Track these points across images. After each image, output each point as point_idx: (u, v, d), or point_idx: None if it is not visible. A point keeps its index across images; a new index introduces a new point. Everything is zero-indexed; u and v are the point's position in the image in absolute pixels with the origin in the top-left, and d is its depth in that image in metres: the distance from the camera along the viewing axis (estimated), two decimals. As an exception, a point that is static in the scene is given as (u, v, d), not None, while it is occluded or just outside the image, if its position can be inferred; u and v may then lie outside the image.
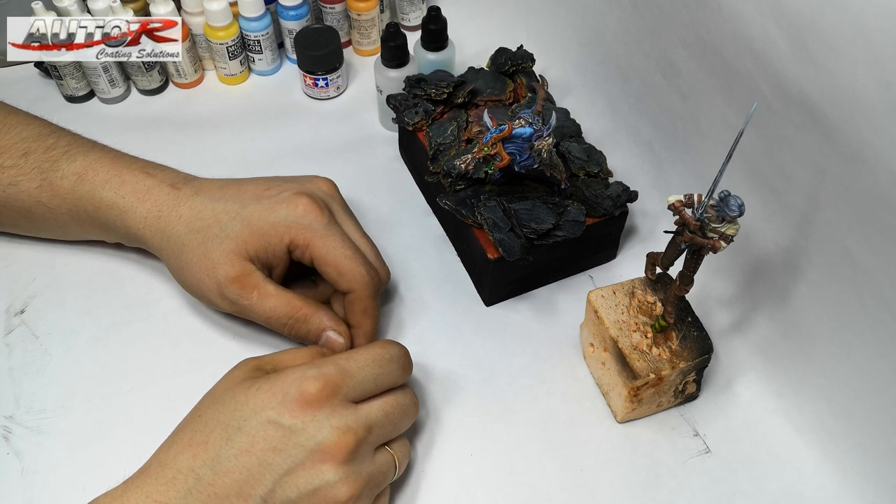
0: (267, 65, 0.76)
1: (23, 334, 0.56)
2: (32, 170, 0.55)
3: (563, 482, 0.50)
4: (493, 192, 0.57)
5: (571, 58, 0.72)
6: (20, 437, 0.51)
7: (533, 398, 0.54)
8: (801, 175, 0.48)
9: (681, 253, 0.46)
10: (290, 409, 0.42)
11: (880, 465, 0.47)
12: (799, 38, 0.45)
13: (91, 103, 0.73)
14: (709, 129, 0.56)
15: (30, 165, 0.55)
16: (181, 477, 0.41)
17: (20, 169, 0.55)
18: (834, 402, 0.50)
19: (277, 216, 0.51)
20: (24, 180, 0.55)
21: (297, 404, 0.42)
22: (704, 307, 0.57)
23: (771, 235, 0.52)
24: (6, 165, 0.55)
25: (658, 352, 0.49)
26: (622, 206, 0.57)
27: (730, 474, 0.50)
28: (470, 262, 0.60)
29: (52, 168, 0.55)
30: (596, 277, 0.61)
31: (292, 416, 0.42)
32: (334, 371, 0.44)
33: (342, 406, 0.43)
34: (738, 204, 0.41)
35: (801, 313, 0.51)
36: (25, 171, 0.55)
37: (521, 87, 0.65)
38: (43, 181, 0.55)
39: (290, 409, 0.42)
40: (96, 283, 0.59)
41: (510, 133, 0.50)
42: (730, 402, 0.54)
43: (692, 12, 0.54)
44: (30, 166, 0.55)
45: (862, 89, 0.41)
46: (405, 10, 0.79)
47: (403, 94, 0.64)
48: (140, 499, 0.41)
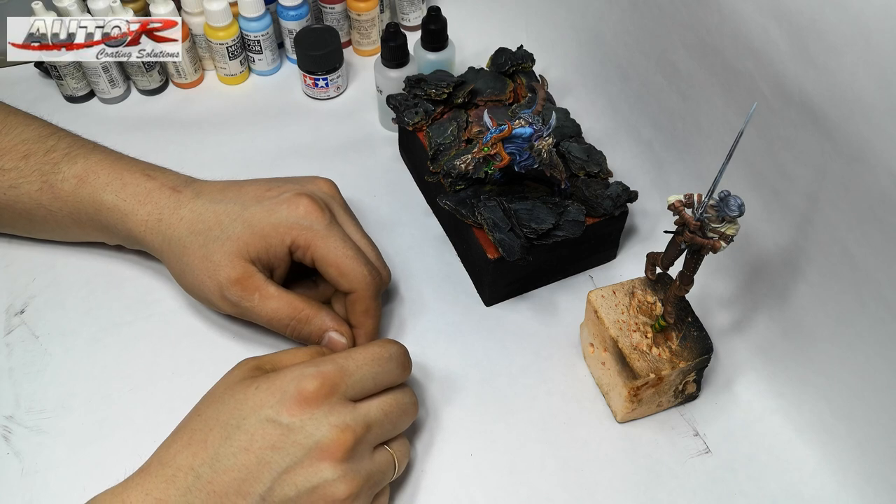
0: (267, 65, 0.76)
1: (23, 334, 0.56)
2: (33, 172, 0.55)
3: (563, 482, 0.50)
4: (493, 192, 0.57)
5: (571, 58, 0.72)
6: (20, 437, 0.51)
7: (533, 398, 0.54)
8: (801, 175, 0.48)
9: (681, 253, 0.46)
10: (288, 407, 0.42)
11: (880, 465, 0.47)
12: (799, 38, 0.45)
13: (91, 103, 0.73)
14: (709, 129, 0.56)
15: (30, 168, 0.55)
16: (181, 475, 0.41)
17: (21, 171, 0.55)
18: (834, 402, 0.50)
19: (278, 217, 0.51)
20: (24, 183, 0.55)
21: (295, 402, 0.42)
22: (704, 307, 0.57)
23: (771, 235, 0.52)
24: (6, 168, 0.55)
25: (658, 352, 0.49)
26: (622, 206, 0.57)
27: (730, 474, 0.50)
28: (470, 262, 0.60)
29: (52, 171, 0.55)
30: (596, 277, 0.61)
31: (291, 414, 0.42)
32: (333, 369, 0.44)
33: (341, 404, 0.43)
34: (738, 204, 0.41)
35: (801, 313, 0.51)
36: (26, 173, 0.55)
37: (521, 87, 0.65)
38: (44, 184, 0.54)
39: (289, 408, 0.42)
40: (96, 283, 0.59)
41: (510, 133, 0.50)
42: (730, 402, 0.54)
43: (692, 12, 0.54)
44: (30, 169, 0.55)
45: (862, 89, 0.41)
46: (405, 10, 0.79)
47: (403, 94, 0.64)
48: (140, 496, 0.41)
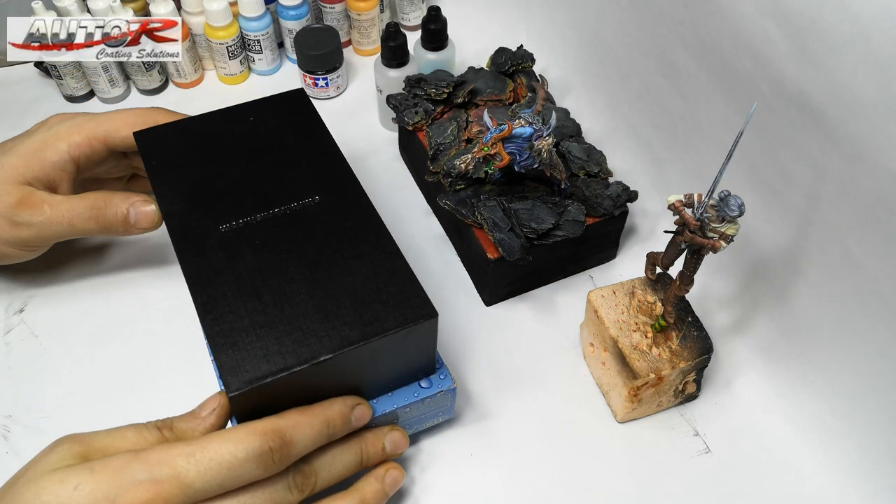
0: (267, 65, 0.76)
1: (22, 333, 0.56)
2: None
3: (563, 482, 0.50)
4: (493, 192, 0.57)
5: (571, 58, 0.72)
6: (19, 436, 0.51)
7: (533, 398, 0.54)
8: (801, 175, 0.48)
9: (681, 253, 0.46)
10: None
11: (880, 465, 0.47)
12: (799, 38, 0.45)
13: (91, 103, 0.73)
14: (709, 129, 0.56)
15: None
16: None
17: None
18: (834, 402, 0.50)
19: (41, 133, 0.52)
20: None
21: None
22: (704, 307, 0.57)
23: (771, 235, 0.52)
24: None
25: (658, 352, 0.49)
26: (622, 205, 0.57)
27: (730, 474, 0.50)
28: (470, 262, 0.60)
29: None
30: (596, 277, 0.61)
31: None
32: (169, 480, 0.36)
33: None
34: (738, 204, 0.41)
35: (801, 313, 0.51)
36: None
37: (521, 87, 0.65)
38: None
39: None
40: (96, 282, 0.59)
41: (510, 133, 0.50)
42: (730, 402, 0.54)
43: (692, 12, 0.54)
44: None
45: (862, 89, 0.41)
46: (405, 10, 0.79)
47: (403, 94, 0.64)
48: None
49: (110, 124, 0.52)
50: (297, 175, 0.49)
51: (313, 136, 0.52)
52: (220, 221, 0.46)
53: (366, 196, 0.48)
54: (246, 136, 0.52)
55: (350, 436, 0.44)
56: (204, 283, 0.43)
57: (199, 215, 0.47)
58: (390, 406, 0.46)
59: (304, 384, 0.41)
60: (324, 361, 0.41)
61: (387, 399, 0.46)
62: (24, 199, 0.50)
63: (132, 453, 0.37)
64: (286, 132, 0.52)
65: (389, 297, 0.43)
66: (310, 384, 0.42)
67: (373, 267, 0.44)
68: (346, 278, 0.44)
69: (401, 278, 0.44)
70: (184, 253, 0.45)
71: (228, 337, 0.41)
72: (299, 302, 0.43)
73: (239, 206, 0.47)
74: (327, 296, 0.43)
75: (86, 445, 0.39)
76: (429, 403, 0.47)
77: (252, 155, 0.51)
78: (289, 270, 0.44)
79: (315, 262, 0.45)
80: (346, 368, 0.42)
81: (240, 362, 0.40)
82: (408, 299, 0.43)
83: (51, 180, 0.51)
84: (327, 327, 0.42)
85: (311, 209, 0.47)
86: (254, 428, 0.38)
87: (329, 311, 0.42)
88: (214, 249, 0.45)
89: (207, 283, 0.43)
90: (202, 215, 0.47)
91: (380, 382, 0.46)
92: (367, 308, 0.43)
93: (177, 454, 0.37)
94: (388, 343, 0.42)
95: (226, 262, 0.44)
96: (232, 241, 0.45)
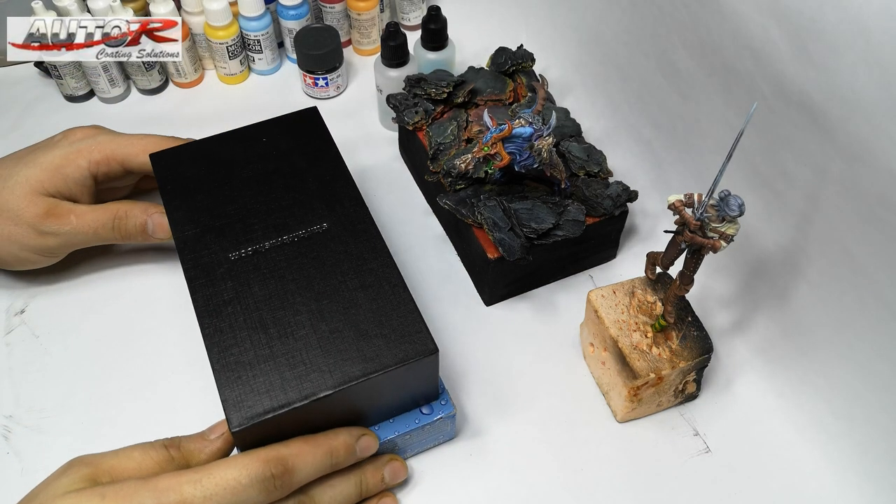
0: (267, 64, 0.76)
1: (23, 334, 0.56)
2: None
3: (563, 482, 0.50)
4: (493, 191, 0.57)
5: (571, 58, 0.72)
6: (20, 436, 0.51)
7: (533, 398, 0.54)
8: (801, 175, 0.48)
9: (681, 253, 0.46)
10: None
11: (880, 465, 0.47)
12: (799, 38, 0.45)
13: (91, 103, 0.73)
14: (709, 129, 0.56)
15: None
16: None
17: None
18: (834, 402, 0.50)
19: (63, 149, 0.53)
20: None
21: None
22: (704, 307, 0.57)
23: (771, 235, 0.52)
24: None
25: (658, 351, 0.49)
26: (622, 205, 0.57)
27: (730, 474, 0.50)
28: (470, 261, 0.60)
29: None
30: (596, 277, 0.61)
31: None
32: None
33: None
34: (739, 204, 0.41)
35: (801, 313, 0.51)
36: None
37: (521, 87, 0.65)
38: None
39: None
40: (96, 283, 0.59)
41: (510, 133, 0.50)
42: (730, 402, 0.54)
43: (692, 12, 0.54)
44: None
45: (862, 89, 0.41)
46: (405, 10, 0.79)
47: (403, 94, 0.64)
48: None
49: (130, 148, 0.55)
50: (307, 200, 0.50)
51: (324, 159, 0.53)
52: (231, 249, 0.47)
53: (373, 224, 0.49)
54: (258, 159, 0.53)
55: (350, 466, 0.45)
56: (213, 314, 0.44)
57: (209, 242, 0.48)
58: (391, 433, 0.47)
59: (306, 417, 0.42)
60: (324, 397, 0.41)
61: (387, 426, 0.47)
62: (51, 210, 0.52)
63: (141, 480, 0.38)
64: (297, 155, 0.53)
65: (391, 331, 0.44)
66: (312, 416, 0.43)
67: (376, 300, 0.45)
68: (349, 310, 0.45)
69: (403, 311, 0.45)
70: (194, 282, 0.46)
71: (233, 371, 0.42)
72: (303, 335, 0.44)
73: (249, 233, 0.48)
74: (330, 329, 0.44)
75: (94, 467, 0.40)
76: (429, 430, 0.48)
77: (263, 178, 0.52)
78: (294, 302, 0.45)
79: (320, 293, 0.45)
80: (347, 401, 0.43)
81: (242, 397, 0.41)
82: (409, 334, 0.44)
83: (72, 194, 0.54)
84: (329, 362, 0.43)
85: (319, 237, 0.48)
86: (258, 455, 0.40)
87: (331, 346, 0.43)
88: (224, 279, 0.46)
89: (216, 313, 0.44)
90: (213, 242, 0.48)
91: (381, 411, 0.47)
92: (368, 343, 0.43)
93: (184, 481, 0.38)
94: (389, 378, 0.43)
95: (234, 293, 0.45)
96: (241, 270, 0.46)
